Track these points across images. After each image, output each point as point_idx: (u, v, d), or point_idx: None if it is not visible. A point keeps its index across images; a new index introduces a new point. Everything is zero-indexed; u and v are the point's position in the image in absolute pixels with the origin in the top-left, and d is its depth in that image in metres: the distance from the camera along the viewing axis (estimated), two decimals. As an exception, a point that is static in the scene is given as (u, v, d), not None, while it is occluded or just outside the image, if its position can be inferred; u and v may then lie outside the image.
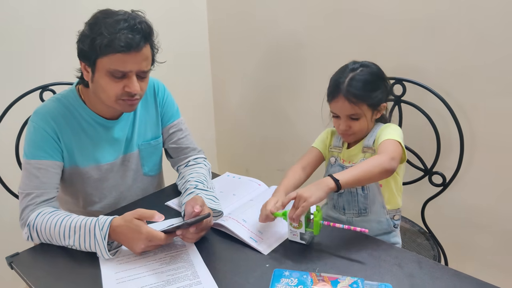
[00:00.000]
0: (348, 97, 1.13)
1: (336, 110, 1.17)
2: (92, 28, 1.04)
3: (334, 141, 1.28)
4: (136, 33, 1.03)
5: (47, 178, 1.11)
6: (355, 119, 1.16)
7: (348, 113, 1.15)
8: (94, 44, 1.03)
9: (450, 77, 1.46)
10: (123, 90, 1.08)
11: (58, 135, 1.13)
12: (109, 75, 1.06)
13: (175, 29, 2.08)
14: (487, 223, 1.54)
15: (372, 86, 1.15)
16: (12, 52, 1.59)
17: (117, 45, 1.02)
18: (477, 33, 1.38)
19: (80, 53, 1.09)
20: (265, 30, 1.99)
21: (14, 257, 1.03)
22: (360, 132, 1.19)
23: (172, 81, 1.51)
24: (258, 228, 1.09)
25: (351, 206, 1.23)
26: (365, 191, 1.19)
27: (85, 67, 1.10)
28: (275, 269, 0.90)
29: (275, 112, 2.12)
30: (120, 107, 1.12)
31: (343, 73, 1.16)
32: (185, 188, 1.20)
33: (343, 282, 0.85)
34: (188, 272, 0.95)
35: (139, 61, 1.06)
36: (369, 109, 1.16)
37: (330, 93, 1.19)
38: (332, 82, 1.19)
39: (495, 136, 1.44)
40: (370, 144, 1.19)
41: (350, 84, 1.13)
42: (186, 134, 1.36)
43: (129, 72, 1.06)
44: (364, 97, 1.13)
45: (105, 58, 1.04)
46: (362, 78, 1.14)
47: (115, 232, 1.00)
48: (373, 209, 1.20)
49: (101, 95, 1.11)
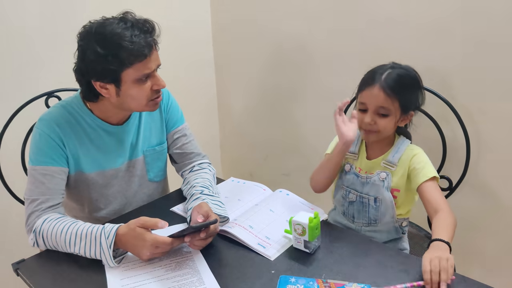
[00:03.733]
0: (384, 88, 1.09)
1: (367, 99, 1.12)
2: (104, 45, 1.02)
3: (351, 146, 1.22)
4: (148, 34, 1.06)
5: (52, 184, 1.11)
6: (383, 116, 1.11)
7: (380, 104, 1.10)
8: (118, 60, 1.02)
9: (455, 80, 1.45)
10: (152, 90, 1.11)
11: (64, 141, 1.14)
12: (137, 82, 1.07)
13: (179, 34, 2.08)
14: (493, 228, 1.52)
15: (409, 87, 1.12)
16: (17, 59, 1.59)
17: (144, 52, 1.04)
18: (483, 36, 1.37)
19: (99, 74, 1.05)
20: (269, 34, 1.99)
21: (20, 264, 1.03)
22: (384, 132, 1.14)
23: (176, 86, 1.51)
24: (265, 234, 1.08)
25: (361, 215, 1.21)
26: (377, 203, 1.17)
27: (103, 86, 1.07)
28: (281, 276, 0.90)
29: (279, 116, 2.11)
30: (149, 108, 1.15)
31: (382, 68, 1.14)
32: (191, 193, 1.20)
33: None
34: (194, 278, 0.95)
35: (157, 57, 1.10)
36: (399, 110, 1.12)
37: (364, 82, 1.15)
38: (369, 73, 1.16)
39: (501, 139, 1.42)
40: (395, 162, 1.15)
41: (388, 76, 1.10)
42: (191, 140, 1.36)
43: (153, 71, 1.09)
44: (400, 93, 1.10)
45: (131, 69, 1.05)
46: (401, 75, 1.11)
47: (121, 241, 1.00)
48: (383, 220, 1.18)
49: (131, 103, 1.12)
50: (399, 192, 1.17)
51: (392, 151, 1.18)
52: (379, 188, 1.16)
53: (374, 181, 1.16)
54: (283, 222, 1.14)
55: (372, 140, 1.17)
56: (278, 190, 1.29)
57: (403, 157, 1.16)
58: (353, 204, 1.21)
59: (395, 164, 1.15)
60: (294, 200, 1.25)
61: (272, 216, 1.16)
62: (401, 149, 1.17)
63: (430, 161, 1.15)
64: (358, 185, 1.19)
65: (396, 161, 1.16)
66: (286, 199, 1.25)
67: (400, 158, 1.16)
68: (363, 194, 1.18)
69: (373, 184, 1.16)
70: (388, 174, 1.16)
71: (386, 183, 1.15)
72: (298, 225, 1.00)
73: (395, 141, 1.20)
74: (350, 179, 1.21)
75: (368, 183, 1.17)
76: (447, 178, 1.36)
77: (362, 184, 1.18)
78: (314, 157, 1.96)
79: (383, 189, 1.15)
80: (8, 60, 1.58)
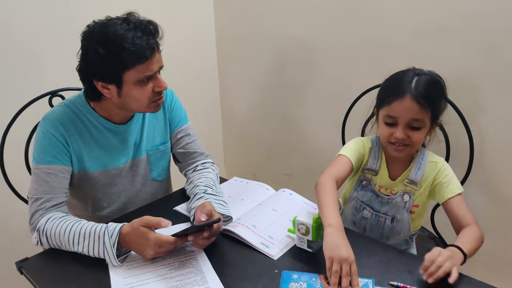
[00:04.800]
0: (417, 98, 0.99)
1: (398, 112, 1.01)
2: (107, 46, 1.02)
3: (371, 162, 1.14)
4: (151, 36, 1.05)
5: (56, 183, 1.11)
6: (416, 129, 1.02)
7: (413, 117, 1.00)
8: (120, 61, 1.02)
9: (459, 81, 1.45)
10: (154, 92, 1.10)
11: (67, 140, 1.14)
12: (139, 83, 1.07)
13: (182, 34, 2.08)
14: (497, 229, 1.52)
15: (438, 94, 1.04)
16: (21, 58, 1.60)
17: (146, 54, 1.03)
18: (487, 37, 1.37)
19: (100, 75, 1.06)
20: (272, 34, 2.00)
21: (24, 262, 1.03)
22: (416, 146, 1.05)
23: (180, 86, 1.51)
24: (268, 233, 1.08)
25: (373, 230, 1.17)
26: (393, 223, 1.13)
27: (105, 86, 1.08)
28: (283, 272, 0.89)
29: (282, 116, 2.11)
30: (151, 109, 1.14)
31: (406, 75, 1.03)
32: (194, 193, 1.20)
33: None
34: (197, 277, 0.95)
35: (159, 59, 1.10)
36: (429, 121, 1.03)
37: (389, 92, 1.03)
38: (392, 82, 1.06)
39: (505, 140, 1.42)
40: (418, 180, 1.09)
41: (419, 85, 1.00)
42: (194, 139, 1.36)
43: (155, 73, 1.09)
44: (433, 102, 1.01)
45: (132, 71, 1.05)
46: (430, 81, 1.02)
47: (124, 240, 1.00)
48: (397, 237, 1.15)
49: (133, 105, 1.12)
50: (417, 207, 1.13)
51: (413, 167, 1.10)
52: (399, 208, 1.12)
53: (395, 203, 1.12)
54: (286, 221, 1.13)
55: (403, 156, 1.08)
56: (281, 190, 1.29)
57: (426, 173, 1.09)
58: (367, 220, 1.17)
59: (418, 184, 1.09)
60: (298, 200, 1.24)
61: (276, 216, 1.16)
62: (423, 164, 1.10)
63: (454, 174, 1.10)
64: (376, 204, 1.15)
65: (419, 179, 1.09)
66: (290, 198, 1.25)
67: (423, 176, 1.09)
68: (381, 213, 1.14)
69: (394, 205, 1.12)
70: (411, 195, 1.11)
71: (408, 205, 1.11)
72: (302, 224, 1.00)
73: (416, 154, 1.11)
74: (367, 195, 1.15)
75: (389, 203, 1.13)
76: (451, 178, 1.35)
77: (381, 203, 1.14)
78: (316, 157, 1.96)
79: (403, 210, 1.12)
80: (12, 59, 1.58)
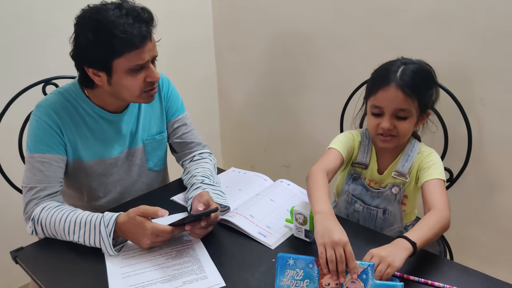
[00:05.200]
0: (402, 87, 0.98)
1: (383, 102, 1.01)
2: (97, 32, 1.00)
3: (360, 156, 1.14)
4: (143, 24, 1.02)
5: (50, 172, 1.10)
6: (402, 118, 1.01)
7: (399, 106, 1.00)
8: (110, 48, 1.00)
9: (458, 72, 1.44)
10: (146, 82, 1.08)
11: (61, 129, 1.12)
12: (129, 72, 1.05)
13: (179, 24, 2.06)
14: (493, 220, 1.53)
15: (426, 82, 1.02)
16: (14, 46, 1.57)
17: (135, 42, 1.01)
18: (486, 28, 1.36)
19: (90, 61, 1.05)
20: (271, 24, 1.98)
21: (19, 252, 1.02)
22: (403, 137, 1.05)
23: (177, 76, 1.49)
24: (265, 223, 1.08)
25: (366, 223, 1.16)
26: (385, 215, 1.13)
27: (96, 73, 1.06)
28: (279, 254, 0.85)
29: (280, 107, 2.10)
30: (143, 99, 1.12)
31: (392, 64, 1.03)
32: (191, 183, 1.19)
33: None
34: (194, 266, 0.94)
35: (151, 48, 1.06)
36: (417, 111, 1.02)
37: (377, 82, 1.03)
38: (379, 72, 1.05)
39: (503, 132, 1.42)
40: (405, 172, 1.08)
41: (404, 73, 0.99)
42: (191, 129, 1.35)
43: (147, 62, 1.06)
44: (419, 91, 0.99)
45: (122, 58, 1.02)
46: (417, 70, 1.01)
47: (121, 229, 0.99)
48: (390, 228, 1.16)
49: (124, 93, 1.10)
50: (407, 198, 1.13)
51: (401, 159, 1.09)
52: (390, 201, 1.12)
53: (386, 196, 1.12)
54: (283, 211, 1.13)
55: (390, 147, 1.07)
56: (279, 181, 1.29)
57: (414, 164, 1.08)
58: (359, 213, 1.17)
59: (407, 175, 1.08)
60: (295, 190, 1.24)
61: (273, 206, 1.15)
62: (411, 156, 1.08)
63: (441, 163, 1.07)
64: (367, 198, 1.15)
65: (406, 171, 1.08)
66: (287, 189, 1.24)
67: (411, 168, 1.08)
68: (372, 206, 1.14)
69: (385, 198, 1.12)
70: (401, 188, 1.10)
71: (399, 197, 1.11)
72: (300, 214, 1.00)
73: (406, 146, 1.10)
74: (357, 189, 1.15)
75: (379, 197, 1.13)
76: (448, 169, 1.36)
77: (372, 197, 1.14)
78: (314, 149, 1.96)
79: (394, 202, 1.12)
80: (4, 47, 1.56)
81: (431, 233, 0.89)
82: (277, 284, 0.83)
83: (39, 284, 0.92)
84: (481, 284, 0.87)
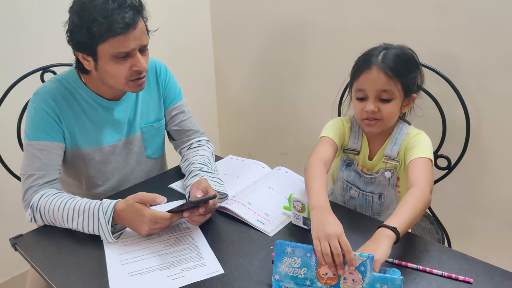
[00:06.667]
0: (383, 68, 0.99)
1: (366, 85, 1.02)
2: (82, 16, 1.00)
3: (351, 142, 1.14)
4: (129, 10, 1.01)
5: (49, 160, 1.10)
6: (386, 101, 1.02)
7: (381, 88, 1.00)
8: (91, 33, 1.00)
9: (456, 59, 1.43)
10: (131, 70, 1.07)
11: (59, 116, 1.12)
12: (114, 59, 1.04)
13: (176, 11, 2.04)
14: (491, 207, 1.53)
15: (408, 66, 1.03)
16: (12, 34, 1.56)
17: (116, 28, 0.99)
18: (484, 14, 1.35)
19: (76, 44, 1.05)
20: (268, 10, 1.95)
21: (18, 239, 1.02)
22: (389, 120, 1.05)
23: (174, 64, 1.48)
24: (264, 210, 1.08)
25: (363, 209, 1.17)
26: (381, 199, 1.13)
27: (85, 57, 1.06)
28: (277, 241, 0.84)
29: (278, 95, 2.09)
30: (130, 88, 1.11)
31: (375, 50, 1.04)
32: (189, 170, 1.19)
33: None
34: (193, 254, 0.95)
35: (138, 36, 1.04)
36: (402, 93, 1.02)
37: (358, 67, 1.05)
38: (361, 57, 1.06)
39: (501, 119, 1.42)
40: (394, 155, 1.08)
41: (385, 57, 1.01)
42: (189, 116, 1.34)
43: (132, 50, 1.04)
44: (401, 73, 1.00)
45: (106, 44, 1.01)
46: (399, 53, 1.02)
47: (119, 216, 0.99)
48: (387, 212, 1.16)
49: (110, 80, 1.09)
50: (399, 180, 1.13)
51: (389, 142, 1.09)
52: (384, 186, 1.12)
53: (379, 181, 1.12)
54: (281, 199, 1.13)
55: (376, 131, 1.07)
56: (277, 168, 1.29)
57: (402, 146, 1.08)
58: (355, 200, 1.17)
59: (397, 159, 1.08)
60: (293, 178, 1.24)
61: (271, 193, 1.15)
62: (399, 139, 1.08)
63: (430, 144, 1.06)
64: (361, 184, 1.15)
65: (395, 154, 1.08)
66: (285, 176, 1.24)
67: (399, 151, 1.08)
68: (367, 192, 1.14)
69: (378, 184, 1.12)
70: (393, 172, 1.10)
71: (392, 181, 1.11)
72: (298, 202, 1.00)
73: (393, 129, 1.10)
74: (351, 175, 1.15)
75: (373, 183, 1.13)
76: (446, 157, 1.36)
77: (366, 183, 1.14)
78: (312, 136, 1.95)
79: (388, 187, 1.12)
80: (2, 35, 1.54)
81: (411, 213, 0.88)
82: (275, 270, 0.83)
83: (38, 271, 0.92)
84: (479, 271, 0.87)
